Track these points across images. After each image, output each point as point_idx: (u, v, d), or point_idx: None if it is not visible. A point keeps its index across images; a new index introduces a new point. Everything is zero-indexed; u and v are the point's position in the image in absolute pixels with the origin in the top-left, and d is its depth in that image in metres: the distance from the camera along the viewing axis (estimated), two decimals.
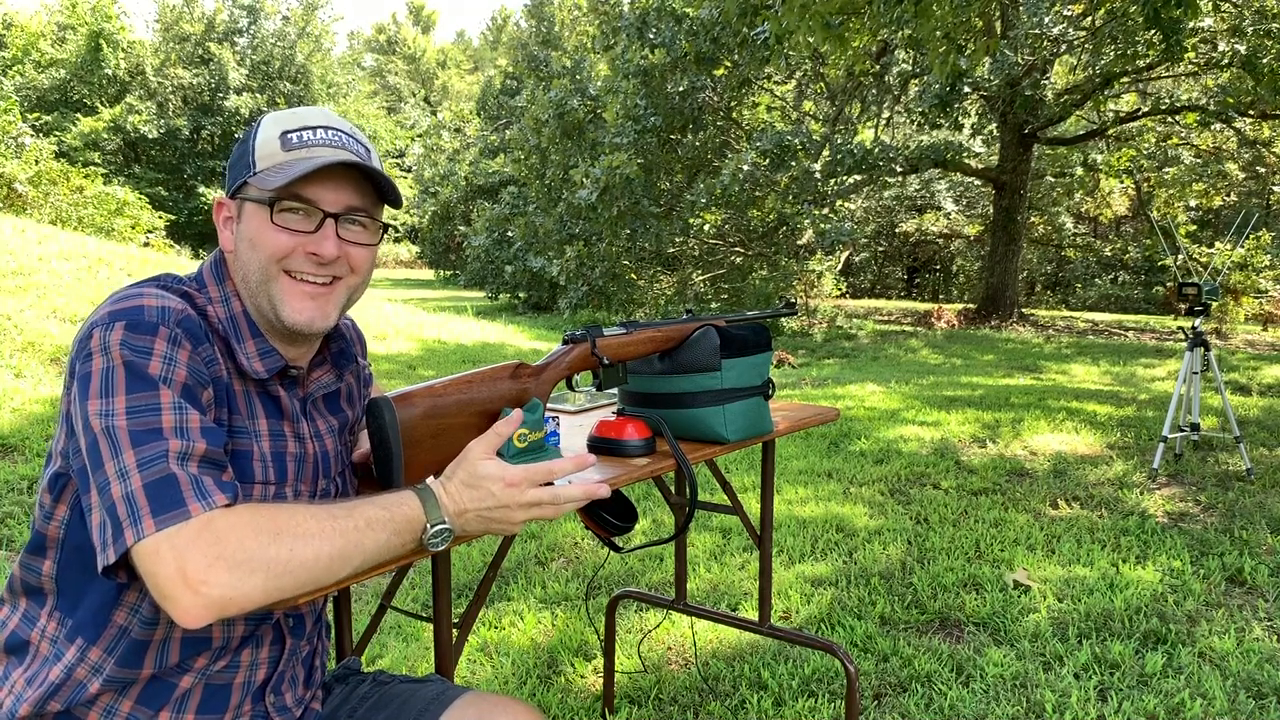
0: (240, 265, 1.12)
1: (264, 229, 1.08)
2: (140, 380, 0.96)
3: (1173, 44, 8.47)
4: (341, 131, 1.13)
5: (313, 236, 1.09)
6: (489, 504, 1.08)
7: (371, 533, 1.00)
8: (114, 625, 1.04)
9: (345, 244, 1.12)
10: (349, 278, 1.15)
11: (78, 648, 1.04)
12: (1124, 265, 21.19)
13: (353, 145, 1.13)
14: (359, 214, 1.13)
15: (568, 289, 14.83)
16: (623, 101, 13.77)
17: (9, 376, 4.98)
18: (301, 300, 1.11)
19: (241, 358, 1.10)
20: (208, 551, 0.89)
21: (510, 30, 48.28)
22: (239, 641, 1.12)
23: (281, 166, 1.08)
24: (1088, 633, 2.79)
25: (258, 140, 1.11)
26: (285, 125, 1.11)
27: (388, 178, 1.13)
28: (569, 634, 2.78)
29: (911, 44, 8.34)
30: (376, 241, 1.17)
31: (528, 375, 1.31)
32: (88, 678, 1.04)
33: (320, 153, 1.09)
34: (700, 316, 1.60)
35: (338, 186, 1.10)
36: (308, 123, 1.11)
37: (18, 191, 12.16)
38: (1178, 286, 5.05)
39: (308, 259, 1.10)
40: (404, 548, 1.04)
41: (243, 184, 1.10)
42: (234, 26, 31.41)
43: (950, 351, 12.04)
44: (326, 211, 1.09)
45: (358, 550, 0.99)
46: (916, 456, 4.99)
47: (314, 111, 1.14)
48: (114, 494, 0.92)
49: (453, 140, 31.88)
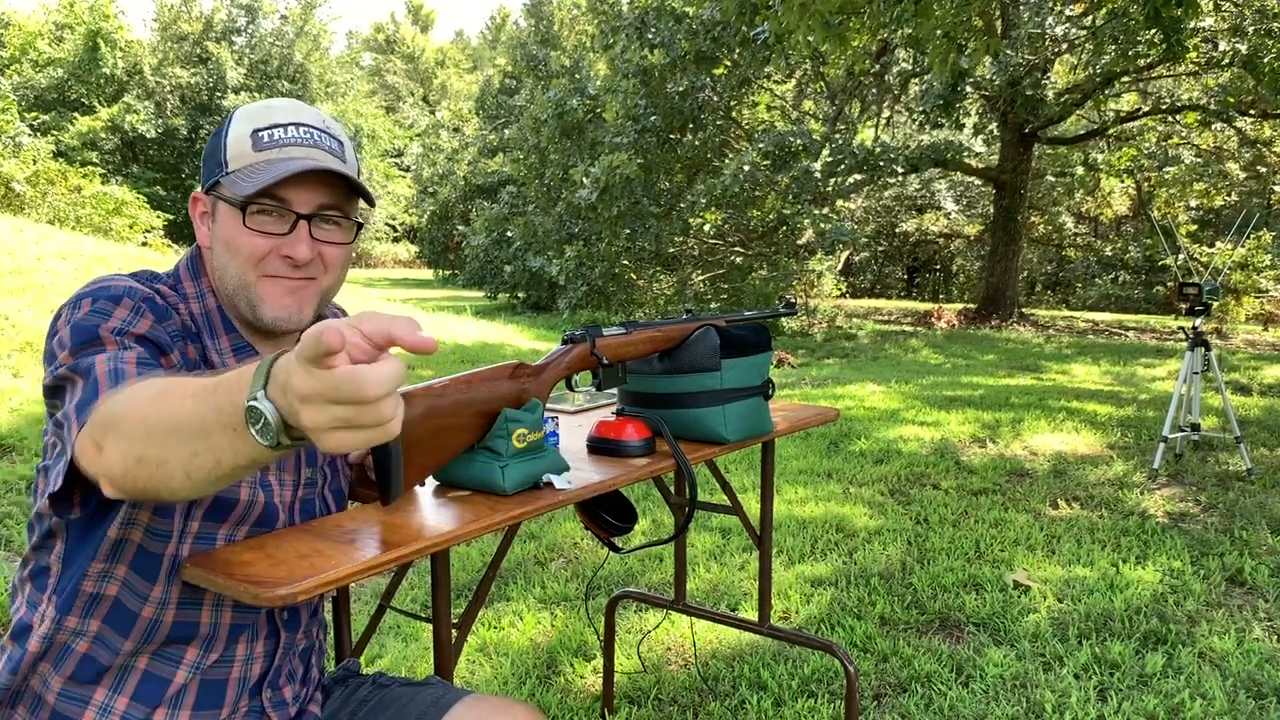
0: (217, 265, 1.12)
1: (238, 232, 1.09)
2: (88, 334, 0.99)
3: (1173, 43, 8.46)
4: (313, 127, 1.12)
5: (286, 238, 1.09)
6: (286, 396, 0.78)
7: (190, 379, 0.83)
8: (84, 594, 1.06)
9: (319, 244, 1.12)
10: (322, 277, 1.15)
11: (53, 619, 1.06)
12: (1124, 265, 21.19)
13: (325, 142, 1.12)
14: (332, 213, 1.12)
15: (567, 289, 14.82)
16: (622, 101, 13.77)
17: (7, 376, 4.98)
18: (281, 296, 1.11)
19: (213, 354, 1.11)
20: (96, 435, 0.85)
21: (509, 30, 48.27)
22: (228, 631, 1.11)
23: (253, 169, 1.08)
24: (1088, 633, 2.78)
25: (229, 138, 1.10)
26: (256, 122, 1.10)
27: (356, 180, 1.13)
28: (568, 634, 2.77)
29: (911, 43, 8.33)
30: (351, 240, 1.17)
31: (527, 375, 1.31)
32: (70, 639, 1.06)
33: (291, 153, 1.09)
34: (700, 316, 1.59)
35: (310, 187, 1.09)
36: (277, 120, 1.11)
37: (15, 191, 12.16)
38: (1178, 286, 5.05)
39: (282, 261, 1.10)
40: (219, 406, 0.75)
41: (216, 182, 1.11)
42: (232, 25, 31.40)
43: (950, 351, 12.04)
44: (299, 213, 1.09)
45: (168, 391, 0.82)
46: (916, 456, 4.98)
47: (284, 105, 1.13)
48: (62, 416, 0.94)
49: (451, 140, 31.88)
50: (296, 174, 1.07)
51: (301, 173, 1.07)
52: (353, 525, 1.15)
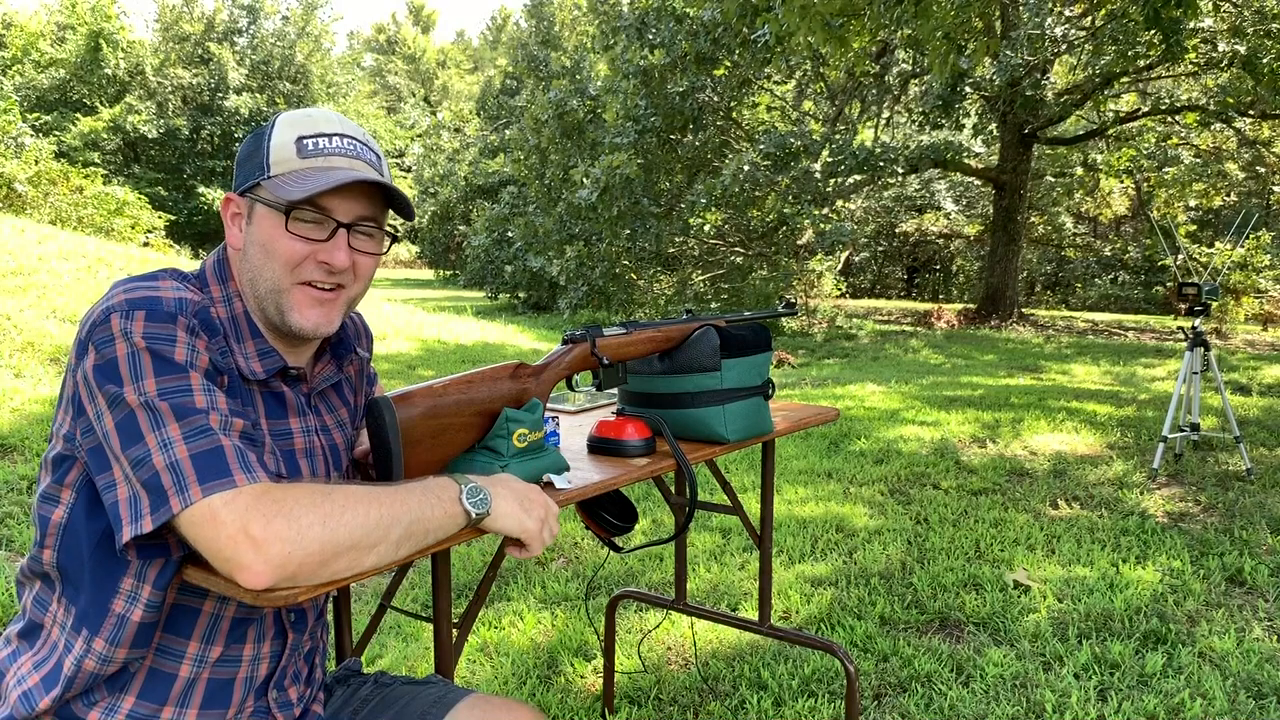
0: (249, 267, 1.13)
1: (278, 235, 1.10)
2: (168, 364, 0.99)
3: (1173, 44, 8.47)
4: (356, 140, 1.15)
5: (325, 245, 1.11)
6: (518, 487, 1.15)
7: (411, 496, 1.04)
8: (112, 614, 1.04)
9: (355, 253, 1.14)
10: (352, 286, 1.16)
11: (84, 639, 1.05)
12: (1124, 265, 21.19)
13: (366, 155, 1.15)
14: (368, 224, 1.15)
15: (568, 289, 14.83)
16: (622, 101, 13.77)
17: (9, 376, 4.98)
18: (310, 307, 1.13)
19: (239, 358, 1.11)
20: (267, 510, 0.92)
21: (510, 30, 48.29)
22: (230, 624, 1.11)
23: (298, 175, 1.09)
24: (1088, 633, 2.79)
25: (273, 143, 1.11)
26: (301, 130, 1.12)
27: (402, 194, 1.15)
28: (569, 634, 2.78)
29: (911, 44, 8.34)
30: (383, 251, 1.19)
31: (527, 375, 1.31)
32: (98, 668, 1.05)
33: (336, 163, 1.11)
34: (700, 316, 1.60)
35: (352, 197, 1.12)
36: (322, 129, 1.13)
37: (17, 191, 12.16)
38: (1178, 286, 5.05)
39: (319, 267, 1.12)
40: (446, 514, 1.06)
41: (255, 184, 1.11)
42: (234, 26, 31.38)
43: (950, 351, 12.04)
44: (340, 222, 1.11)
45: (404, 509, 1.02)
46: (916, 456, 4.98)
47: (327, 116, 1.15)
48: (156, 463, 0.94)
49: (452, 140, 31.89)
50: (343, 184, 1.08)
51: (348, 183, 1.09)
52: None
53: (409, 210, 1.17)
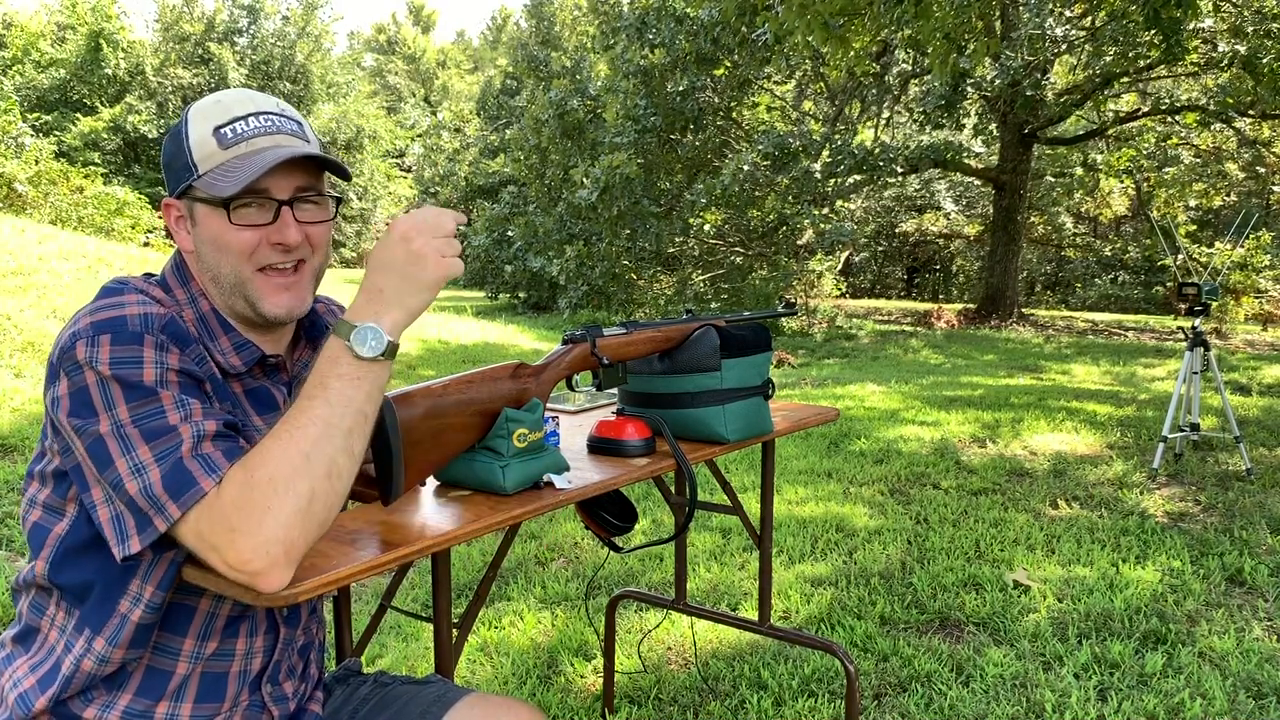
0: (207, 266, 1.12)
1: (225, 230, 1.09)
2: (137, 389, 0.98)
3: (1173, 44, 8.47)
4: (271, 114, 1.12)
5: (273, 227, 1.10)
6: (397, 267, 1.04)
7: (322, 390, 1.00)
8: (116, 614, 1.05)
9: (304, 226, 1.13)
10: (312, 258, 1.16)
11: (85, 639, 1.05)
12: (1124, 265, 21.18)
13: (287, 126, 1.13)
14: (310, 194, 1.13)
15: (568, 289, 14.82)
16: (623, 101, 13.78)
17: (9, 376, 4.98)
18: (278, 293, 1.12)
19: (217, 355, 1.11)
20: (247, 499, 0.93)
21: (510, 30, 48.27)
22: (225, 621, 1.11)
23: (226, 168, 1.08)
24: (1088, 633, 2.79)
25: (191, 140, 1.09)
26: (214, 120, 1.10)
27: (333, 158, 1.14)
28: (569, 634, 2.78)
29: (912, 44, 8.34)
30: (331, 216, 1.18)
31: (528, 375, 1.31)
32: (96, 668, 1.05)
33: (259, 143, 1.09)
34: (700, 316, 1.60)
35: (285, 173, 1.10)
36: (235, 113, 1.10)
37: (18, 191, 12.16)
38: (1178, 286, 5.05)
39: (274, 249, 1.11)
40: (360, 375, 1.01)
41: (188, 186, 1.10)
42: (234, 26, 31.39)
43: (950, 351, 12.04)
44: (280, 200, 1.10)
45: (329, 407, 0.99)
46: (916, 456, 4.98)
47: (236, 97, 1.12)
48: (130, 489, 0.94)
49: (452, 140, 31.87)
50: (273, 166, 1.07)
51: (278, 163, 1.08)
52: (353, 525, 1.16)
53: (344, 171, 1.15)
